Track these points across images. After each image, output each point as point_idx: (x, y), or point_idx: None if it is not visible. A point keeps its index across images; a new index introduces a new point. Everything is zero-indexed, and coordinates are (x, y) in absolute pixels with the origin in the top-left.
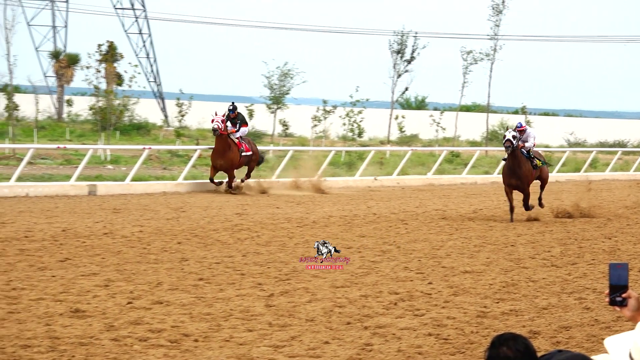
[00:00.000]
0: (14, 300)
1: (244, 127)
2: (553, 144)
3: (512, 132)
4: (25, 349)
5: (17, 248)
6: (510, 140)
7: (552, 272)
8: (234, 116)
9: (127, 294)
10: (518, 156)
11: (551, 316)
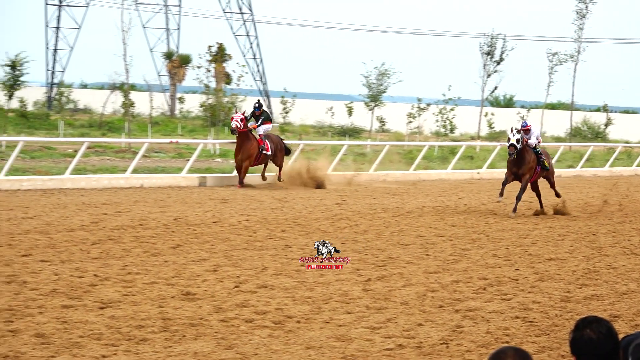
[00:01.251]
0: (129, 283)
1: (266, 124)
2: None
3: (517, 135)
4: (140, 329)
5: (132, 235)
6: (514, 145)
7: (632, 260)
8: (258, 113)
9: (234, 279)
10: (522, 151)
11: (631, 301)
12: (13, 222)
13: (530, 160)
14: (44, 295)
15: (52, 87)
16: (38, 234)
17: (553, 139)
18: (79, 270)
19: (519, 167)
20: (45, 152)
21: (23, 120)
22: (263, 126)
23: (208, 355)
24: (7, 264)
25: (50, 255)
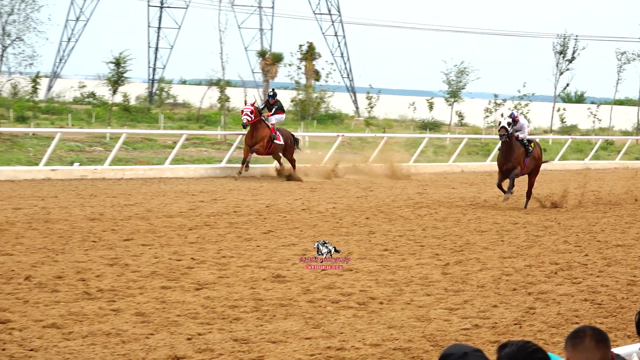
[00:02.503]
0: (223, 266)
1: (279, 114)
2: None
3: (508, 118)
4: (233, 308)
5: (227, 221)
6: (505, 127)
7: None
8: (272, 102)
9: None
10: (512, 143)
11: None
12: (116, 208)
13: (518, 155)
14: (145, 277)
15: (153, 83)
16: (139, 219)
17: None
18: (177, 253)
19: (509, 160)
20: (147, 144)
21: (126, 113)
22: (276, 116)
23: (297, 333)
24: (110, 248)
25: (150, 239)
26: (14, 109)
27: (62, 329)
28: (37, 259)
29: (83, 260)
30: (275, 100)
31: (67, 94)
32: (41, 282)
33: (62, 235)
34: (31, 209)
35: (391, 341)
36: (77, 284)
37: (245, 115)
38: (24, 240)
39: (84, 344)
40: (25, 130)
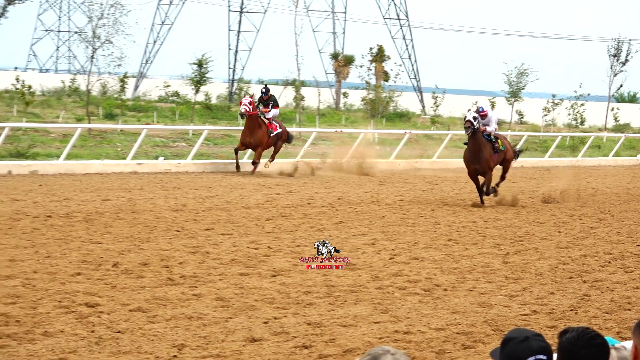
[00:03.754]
0: (298, 255)
1: (275, 110)
2: None
3: (473, 113)
4: (307, 294)
5: (301, 212)
6: (470, 121)
7: None
8: (266, 98)
9: (389, 251)
10: (479, 139)
11: None
12: (198, 200)
13: (487, 156)
14: (224, 264)
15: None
16: (219, 210)
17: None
18: (254, 242)
19: (478, 163)
20: (227, 139)
21: (207, 111)
22: (273, 111)
23: (366, 317)
24: (192, 237)
25: (229, 229)
26: (104, 107)
27: (147, 313)
28: (124, 247)
29: (167, 249)
30: (269, 96)
31: (152, 93)
32: (128, 269)
33: (147, 225)
34: (119, 200)
35: (454, 326)
36: (161, 270)
37: (243, 105)
38: (112, 229)
39: (167, 327)
40: (113, 126)
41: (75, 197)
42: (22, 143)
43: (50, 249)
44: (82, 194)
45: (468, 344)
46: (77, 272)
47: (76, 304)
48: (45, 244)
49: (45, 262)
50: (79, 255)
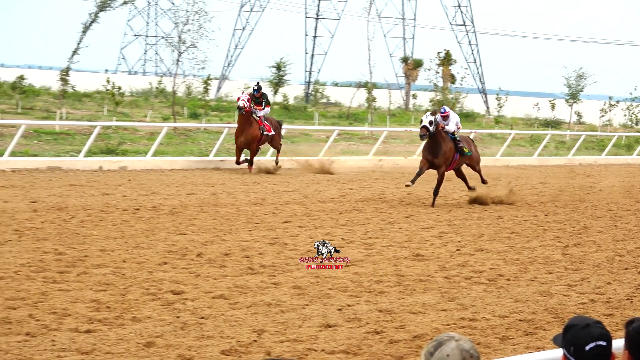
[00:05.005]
0: (370, 246)
1: (267, 108)
2: None
3: (430, 117)
4: (378, 283)
5: (373, 207)
6: (426, 126)
7: None
8: (258, 96)
9: (456, 243)
10: (437, 137)
11: None
12: (276, 194)
13: (446, 150)
14: (301, 254)
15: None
16: (296, 204)
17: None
18: (329, 234)
19: (434, 155)
20: (303, 138)
21: (285, 111)
22: (265, 109)
23: (434, 305)
24: (271, 229)
25: (306, 222)
26: (188, 107)
27: (229, 300)
28: (207, 238)
29: (247, 240)
30: (261, 93)
31: (233, 94)
32: (211, 259)
33: (229, 218)
34: (202, 194)
35: (517, 313)
36: (242, 260)
37: (242, 100)
38: (196, 221)
39: (247, 313)
40: (197, 125)
41: (162, 192)
42: (112, 140)
43: (139, 239)
44: (168, 188)
45: (530, 331)
46: (163, 261)
47: (162, 292)
48: (134, 235)
49: (134, 252)
50: (165, 246)
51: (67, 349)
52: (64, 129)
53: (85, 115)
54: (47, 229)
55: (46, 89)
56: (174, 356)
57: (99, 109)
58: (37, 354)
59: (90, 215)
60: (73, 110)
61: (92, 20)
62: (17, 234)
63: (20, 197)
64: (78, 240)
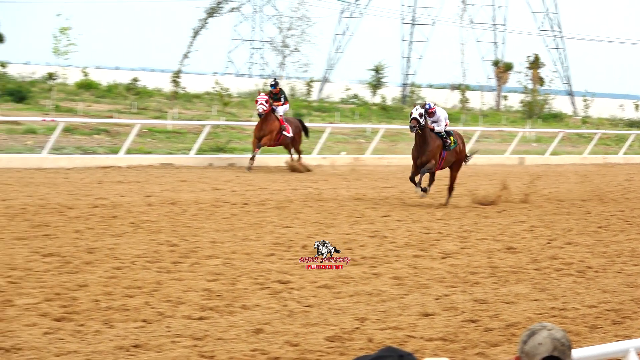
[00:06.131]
0: (464, 239)
1: (286, 105)
2: None
3: (420, 109)
4: (473, 274)
5: (467, 201)
6: (416, 118)
7: None
8: (276, 92)
9: (546, 237)
10: (426, 133)
11: None
12: (376, 190)
13: (434, 147)
14: (399, 247)
15: (406, 87)
16: (395, 199)
17: None
18: (426, 228)
19: (423, 154)
20: (401, 137)
21: (383, 112)
22: (283, 106)
23: (526, 295)
24: (371, 223)
25: (404, 216)
26: (292, 108)
27: (332, 289)
28: (311, 231)
29: (349, 233)
30: (279, 89)
31: (334, 95)
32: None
33: (331, 212)
34: (306, 189)
35: (605, 303)
36: (344, 252)
37: (260, 105)
38: (301, 215)
39: (350, 302)
40: None
41: (268, 187)
42: (221, 139)
43: (247, 232)
44: (274, 184)
45: (617, 320)
46: (270, 252)
47: (270, 281)
48: (243, 228)
49: (243, 244)
50: (272, 238)
51: (181, 334)
52: (175, 128)
53: (196, 115)
54: (161, 222)
55: (158, 90)
56: (282, 342)
57: (208, 109)
58: (153, 339)
59: (201, 209)
60: (184, 110)
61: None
62: (133, 227)
63: (136, 192)
64: (190, 233)
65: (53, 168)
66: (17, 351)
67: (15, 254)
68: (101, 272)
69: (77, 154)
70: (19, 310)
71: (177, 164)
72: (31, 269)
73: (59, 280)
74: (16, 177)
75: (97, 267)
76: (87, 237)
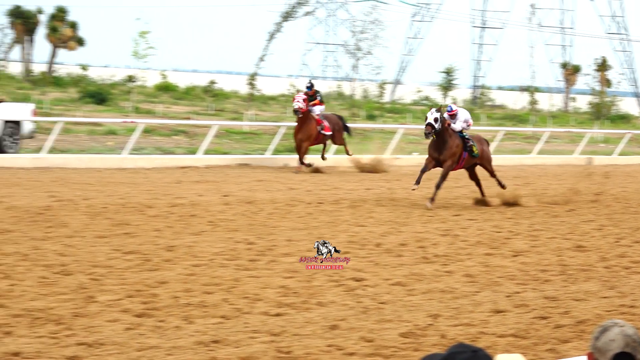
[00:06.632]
0: (534, 238)
1: (321, 106)
2: None
3: (435, 113)
4: (543, 272)
5: (536, 201)
6: (431, 124)
7: None
8: (311, 93)
9: (615, 235)
10: (444, 135)
11: None
12: (447, 189)
13: (453, 145)
14: (471, 245)
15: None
16: (466, 199)
17: None
18: (497, 227)
19: (439, 152)
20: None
21: None
22: (319, 107)
23: (595, 293)
24: (443, 222)
25: (475, 215)
26: (365, 109)
27: (405, 286)
28: (385, 229)
29: (421, 231)
30: (314, 91)
31: (406, 97)
32: (388, 249)
33: (404, 211)
34: (379, 189)
35: None
36: (417, 250)
37: (296, 102)
38: (374, 214)
39: (423, 299)
40: (373, 126)
41: (342, 187)
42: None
43: (322, 230)
44: (347, 183)
45: None
46: (345, 250)
47: (345, 279)
48: (318, 227)
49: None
50: (346, 237)
51: (259, 330)
52: (252, 129)
53: (271, 116)
54: (238, 220)
55: (235, 93)
56: (357, 338)
57: (283, 111)
58: (231, 335)
59: (277, 208)
60: (260, 112)
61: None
62: (211, 225)
63: (214, 191)
64: (267, 231)
65: (133, 168)
66: (100, 346)
67: (97, 251)
68: (180, 269)
69: (156, 154)
70: (101, 306)
71: (253, 164)
72: (112, 267)
73: (140, 277)
74: (97, 177)
75: (177, 265)
76: (166, 236)
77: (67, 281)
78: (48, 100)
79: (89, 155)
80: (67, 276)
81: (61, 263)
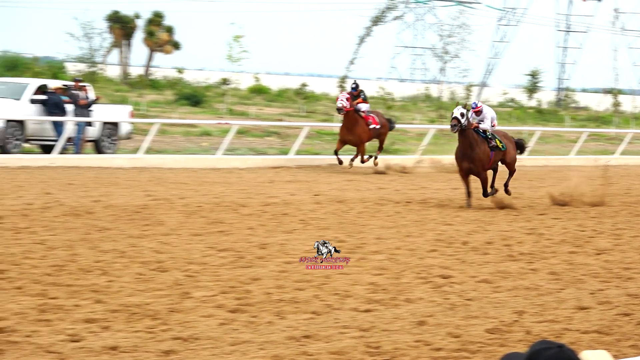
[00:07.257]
0: (618, 236)
1: (366, 104)
2: None
3: (461, 109)
4: (626, 270)
5: (619, 201)
6: (457, 118)
7: None
8: (356, 94)
9: None
10: (470, 136)
11: None
12: (532, 189)
13: (480, 153)
14: (556, 243)
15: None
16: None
17: None
18: (581, 226)
19: (471, 161)
20: (556, 139)
21: (539, 114)
22: (365, 105)
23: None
24: (528, 220)
25: (559, 214)
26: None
27: (491, 284)
28: (471, 228)
29: (507, 230)
30: (359, 91)
31: (492, 99)
32: (475, 247)
33: (490, 210)
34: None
35: None
36: (503, 248)
37: (339, 101)
38: (461, 213)
39: (508, 296)
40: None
41: (429, 186)
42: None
43: (410, 229)
44: (435, 183)
45: None
46: (432, 248)
47: (432, 276)
48: (406, 225)
49: (406, 240)
50: (434, 235)
51: (349, 326)
52: None
53: None
54: (329, 219)
55: (326, 95)
56: (444, 334)
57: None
58: (322, 330)
59: (366, 207)
60: None
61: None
62: (302, 224)
63: (305, 190)
64: (356, 230)
65: (227, 168)
66: (195, 341)
67: (192, 249)
68: (273, 266)
69: (250, 155)
70: (196, 302)
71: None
72: (207, 264)
73: (234, 274)
74: (192, 176)
75: (269, 262)
76: (259, 234)
77: (163, 277)
78: (145, 102)
79: (184, 156)
80: (163, 273)
81: (157, 260)
